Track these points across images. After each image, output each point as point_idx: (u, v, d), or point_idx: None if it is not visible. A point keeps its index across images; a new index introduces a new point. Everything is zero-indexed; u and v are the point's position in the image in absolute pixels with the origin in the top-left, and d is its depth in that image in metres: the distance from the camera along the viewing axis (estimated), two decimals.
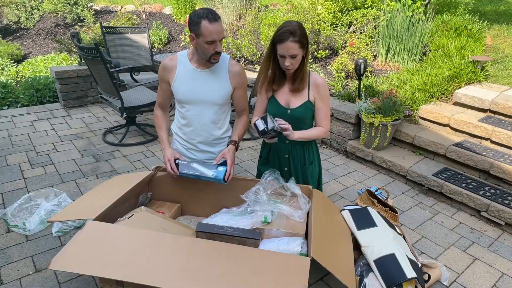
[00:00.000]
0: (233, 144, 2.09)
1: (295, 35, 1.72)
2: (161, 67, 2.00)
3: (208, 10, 1.77)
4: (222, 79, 1.98)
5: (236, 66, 2.00)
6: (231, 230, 1.73)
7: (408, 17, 4.52)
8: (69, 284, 1.99)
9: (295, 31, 1.72)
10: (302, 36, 1.75)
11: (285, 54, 1.76)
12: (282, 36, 1.73)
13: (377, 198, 2.56)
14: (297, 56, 1.78)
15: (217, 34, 1.79)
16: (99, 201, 1.92)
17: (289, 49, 1.74)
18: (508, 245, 2.51)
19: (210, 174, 1.99)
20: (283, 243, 1.77)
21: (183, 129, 2.11)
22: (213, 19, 1.75)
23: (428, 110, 3.57)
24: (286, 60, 1.78)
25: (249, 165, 3.49)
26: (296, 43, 1.73)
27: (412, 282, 1.82)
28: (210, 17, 1.75)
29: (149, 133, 4.05)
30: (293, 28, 1.72)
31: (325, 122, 2.00)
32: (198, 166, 2.03)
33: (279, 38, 1.75)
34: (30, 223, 2.39)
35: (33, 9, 9.03)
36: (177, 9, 7.35)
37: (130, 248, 1.56)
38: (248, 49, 5.51)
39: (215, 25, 1.76)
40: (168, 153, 2.08)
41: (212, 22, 1.75)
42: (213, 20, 1.75)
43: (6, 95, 4.93)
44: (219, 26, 1.78)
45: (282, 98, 1.97)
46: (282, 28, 1.75)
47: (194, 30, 1.79)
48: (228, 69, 1.98)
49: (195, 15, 1.77)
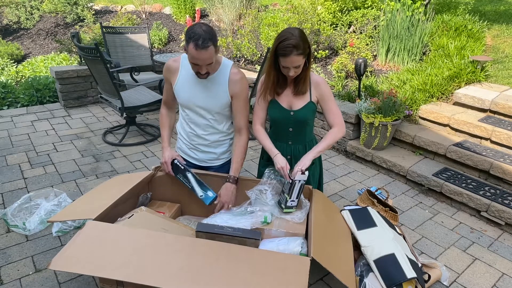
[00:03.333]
0: (230, 181, 2.03)
1: (299, 48, 1.70)
2: (165, 67, 2.01)
3: (199, 35, 1.68)
4: (221, 86, 1.94)
5: (237, 75, 1.94)
6: (231, 230, 1.73)
7: (408, 17, 4.52)
8: (69, 284, 1.99)
9: (298, 44, 1.69)
10: (305, 46, 1.73)
11: (289, 66, 1.75)
12: (285, 50, 1.70)
13: (377, 198, 2.56)
14: (301, 66, 1.78)
15: (201, 61, 1.74)
16: (99, 201, 1.92)
17: (293, 62, 1.73)
18: (508, 245, 2.51)
19: (199, 194, 2.09)
20: (283, 243, 1.77)
21: (185, 129, 2.13)
22: (201, 46, 1.68)
23: (428, 110, 3.57)
24: (290, 70, 1.78)
25: (249, 165, 3.49)
26: (299, 55, 1.72)
27: (412, 282, 1.82)
28: (198, 43, 1.68)
29: (149, 133, 4.05)
30: (296, 41, 1.69)
31: (337, 119, 1.96)
32: (192, 179, 2.10)
33: (282, 52, 1.72)
34: (30, 223, 2.39)
35: (33, 9, 9.03)
36: (177, 9, 7.34)
37: (130, 248, 1.56)
38: (248, 49, 5.51)
39: (201, 53, 1.70)
40: (166, 154, 2.11)
41: (198, 49, 1.69)
42: (200, 47, 1.69)
43: (6, 95, 4.93)
44: (204, 54, 1.71)
45: (284, 100, 1.96)
46: (284, 41, 1.70)
47: (186, 43, 1.75)
48: (229, 77, 1.93)
49: (190, 30, 1.71)
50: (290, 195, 1.88)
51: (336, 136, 1.95)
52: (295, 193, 1.89)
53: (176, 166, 2.12)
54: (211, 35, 1.71)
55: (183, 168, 2.10)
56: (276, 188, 2.04)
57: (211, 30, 1.73)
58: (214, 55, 1.76)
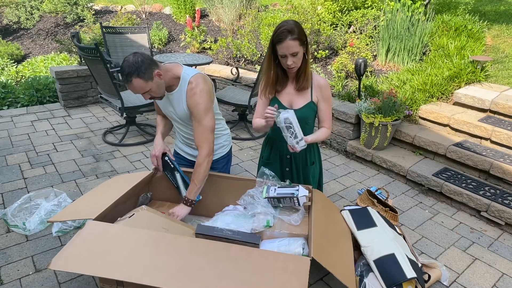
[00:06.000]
0: (186, 204, 2.02)
1: (293, 33, 1.72)
2: None
3: (123, 70, 1.76)
4: (180, 101, 1.97)
5: (191, 91, 1.92)
6: (230, 233, 1.72)
7: (408, 17, 4.52)
8: (69, 284, 1.99)
9: (293, 29, 1.72)
10: (301, 33, 1.75)
11: (286, 53, 1.76)
12: (280, 36, 1.73)
13: (377, 198, 2.56)
14: (298, 53, 1.78)
15: (132, 91, 1.84)
16: (99, 201, 1.92)
17: (289, 47, 1.74)
18: (508, 245, 2.51)
19: (183, 194, 2.15)
20: (284, 244, 1.76)
21: (177, 129, 2.23)
22: (123, 81, 1.81)
23: (428, 110, 3.57)
24: (288, 59, 1.78)
25: (249, 165, 3.49)
26: (295, 40, 1.73)
27: (412, 282, 1.82)
28: (122, 78, 1.79)
29: (149, 133, 4.05)
30: (291, 27, 1.72)
31: (328, 123, 2.03)
32: (179, 179, 2.16)
33: (278, 39, 1.74)
34: (30, 223, 2.39)
35: (33, 9, 9.03)
36: (177, 9, 7.34)
37: (130, 248, 1.56)
38: (248, 49, 5.51)
39: (127, 86, 1.81)
40: (157, 148, 2.14)
41: (125, 83, 1.81)
42: (123, 82, 1.82)
43: (6, 95, 4.93)
44: (131, 87, 1.80)
45: (285, 99, 1.97)
46: (279, 28, 1.74)
47: None
48: (186, 92, 1.93)
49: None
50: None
51: (326, 136, 2.02)
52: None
53: (165, 162, 2.15)
54: (134, 68, 1.75)
55: (173, 166, 2.15)
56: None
57: (137, 61, 1.76)
58: (144, 84, 1.80)
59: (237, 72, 4.70)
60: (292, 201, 1.90)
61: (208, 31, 6.85)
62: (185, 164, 2.29)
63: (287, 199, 1.90)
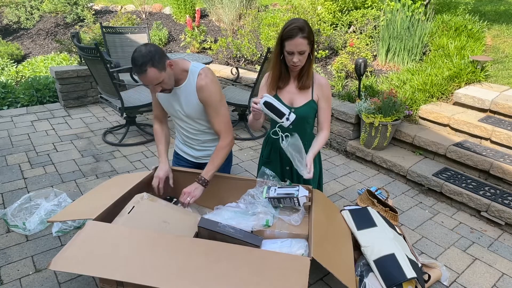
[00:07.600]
0: (198, 181, 1.99)
1: (304, 31, 1.73)
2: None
3: (135, 60, 1.73)
4: (191, 95, 1.94)
5: (203, 81, 1.91)
6: (233, 231, 1.72)
7: (408, 17, 4.52)
8: (69, 284, 1.99)
9: (304, 27, 1.73)
10: (310, 33, 1.76)
11: (294, 50, 1.76)
12: (291, 32, 1.73)
13: (377, 198, 2.56)
14: (305, 52, 1.79)
15: (146, 83, 1.80)
16: (99, 201, 1.92)
17: (298, 45, 1.74)
18: (508, 245, 2.51)
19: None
20: (286, 245, 1.74)
21: (179, 130, 2.21)
22: (137, 72, 1.76)
23: (428, 110, 3.57)
24: (294, 56, 1.79)
25: (249, 165, 3.49)
26: (305, 39, 1.74)
27: (412, 282, 1.82)
28: (136, 69, 1.75)
29: (149, 133, 4.05)
30: (302, 25, 1.73)
31: (326, 123, 2.02)
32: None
33: (288, 35, 1.75)
34: (30, 223, 2.39)
35: (33, 9, 9.03)
36: (177, 9, 7.35)
37: (130, 248, 1.56)
38: (248, 49, 5.51)
39: (140, 77, 1.77)
40: (162, 170, 2.10)
41: (136, 75, 1.80)
42: (137, 73, 1.77)
43: (6, 95, 4.93)
44: (144, 78, 1.76)
45: (286, 97, 1.97)
46: (290, 25, 1.75)
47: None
48: (196, 85, 1.92)
49: (132, 55, 1.78)
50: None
51: (325, 139, 2.01)
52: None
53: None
54: (148, 57, 1.72)
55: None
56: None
57: (150, 51, 1.73)
58: (158, 74, 1.76)
59: (237, 72, 4.70)
60: (292, 201, 1.90)
61: (208, 31, 6.85)
62: (185, 165, 2.29)
63: (287, 199, 1.90)
